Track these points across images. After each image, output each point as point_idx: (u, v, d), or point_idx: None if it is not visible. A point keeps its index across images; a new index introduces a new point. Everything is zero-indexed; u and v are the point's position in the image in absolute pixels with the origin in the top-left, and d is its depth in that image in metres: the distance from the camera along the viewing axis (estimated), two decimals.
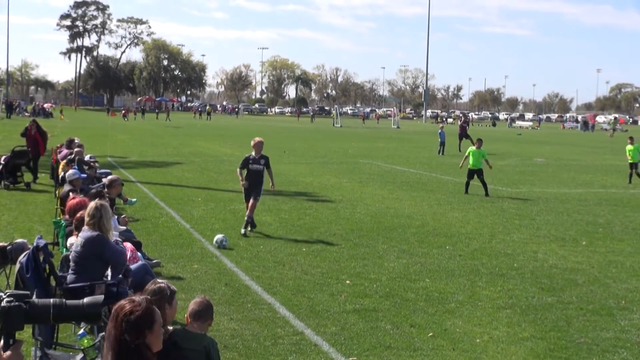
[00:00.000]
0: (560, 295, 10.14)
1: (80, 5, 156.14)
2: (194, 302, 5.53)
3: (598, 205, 19.66)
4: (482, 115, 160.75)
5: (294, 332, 8.22)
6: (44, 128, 23.94)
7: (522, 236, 14.70)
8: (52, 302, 3.39)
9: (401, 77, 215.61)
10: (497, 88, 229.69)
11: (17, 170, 20.66)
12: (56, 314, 3.35)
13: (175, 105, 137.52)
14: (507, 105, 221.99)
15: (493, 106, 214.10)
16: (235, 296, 9.62)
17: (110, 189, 11.72)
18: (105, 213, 7.61)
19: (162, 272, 10.55)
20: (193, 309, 5.45)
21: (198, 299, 5.59)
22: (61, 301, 3.45)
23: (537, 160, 37.36)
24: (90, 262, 7.37)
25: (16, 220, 14.99)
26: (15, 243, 9.51)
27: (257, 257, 12.05)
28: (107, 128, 59.48)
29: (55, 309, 3.35)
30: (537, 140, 62.96)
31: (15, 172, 20.59)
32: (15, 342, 3.17)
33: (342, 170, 28.25)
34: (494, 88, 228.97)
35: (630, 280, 11.14)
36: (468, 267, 11.76)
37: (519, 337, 8.30)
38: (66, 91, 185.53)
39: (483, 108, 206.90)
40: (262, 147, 14.43)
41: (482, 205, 19.01)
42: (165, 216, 15.94)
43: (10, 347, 3.12)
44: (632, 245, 14.06)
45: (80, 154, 16.76)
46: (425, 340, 8.08)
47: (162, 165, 28.26)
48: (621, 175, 28.56)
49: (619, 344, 8.15)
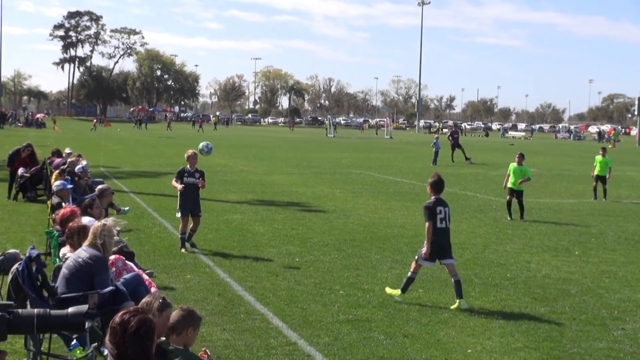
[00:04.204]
0: (553, 306, 10.15)
1: (73, 16, 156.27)
2: (171, 315, 5.36)
3: (591, 216, 19.72)
4: (475, 125, 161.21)
5: (287, 343, 8.20)
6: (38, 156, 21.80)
7: (515, 246, 14.72)
8: (36, 312, 3.41)
9: (394, 87, 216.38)
10: (490, 98, 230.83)
11: (39, 183, 20.16)
12: (40, 324, 3.38)
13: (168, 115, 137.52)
14: (500, 116, 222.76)
15: (486, 116, 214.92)
16: (228, 306, 9.60)
17: (101, 199, 11.74)
18: (111, 235, 7.56)
19: (155, 283, 10.49)
20: (169, 323, 5.27)
21: (175, 312, 5.40)
22: (45, 311, 3.47)
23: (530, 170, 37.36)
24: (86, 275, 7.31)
25: (8, 230, 14.94)
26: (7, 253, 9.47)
27: (250, 267, 12.03)
28: (100, 138, 59.41)
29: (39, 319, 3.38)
30: (530, 150, 63.00)
31: (37, 185, 20.23)
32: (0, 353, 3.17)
33: (335, 180, 28.28)
34: (487, 98, 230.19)
35: (623, 291, 11.17)
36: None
37: (512, 347, 8.31)
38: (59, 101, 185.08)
39: (476, 118, 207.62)
40: (197, 160, 13.85)
41: (474, 215, 19.05)
42: (158, 226, 15.91)
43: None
44: (625, 255, 14.09)
45: (72, 165, 16.73)
46: (419, 350, 8.07)
47: (155, 175, 28.25)
48: (613, 186, 28.67)
49: (611, 354, 8.16)
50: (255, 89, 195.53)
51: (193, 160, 13.75)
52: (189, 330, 5.27)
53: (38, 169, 20.25)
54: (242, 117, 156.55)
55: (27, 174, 20.06)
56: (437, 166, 37.70)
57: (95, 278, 7.27)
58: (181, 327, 5.22)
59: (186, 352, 5.22)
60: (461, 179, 30.76)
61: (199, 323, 5.42)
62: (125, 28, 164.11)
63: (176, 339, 5.20)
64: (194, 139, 62.92)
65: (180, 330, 5.22)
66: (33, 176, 20.14)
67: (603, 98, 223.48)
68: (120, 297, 7.25)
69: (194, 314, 5.37)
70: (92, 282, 7.27)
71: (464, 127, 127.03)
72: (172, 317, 5.24)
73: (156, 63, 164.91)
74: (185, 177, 13.61)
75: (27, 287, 6.94)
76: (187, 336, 5.26)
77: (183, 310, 5.33)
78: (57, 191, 13.06)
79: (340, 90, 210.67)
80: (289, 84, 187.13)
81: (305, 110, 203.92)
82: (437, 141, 40.20)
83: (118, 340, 3.68)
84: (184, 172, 13.69)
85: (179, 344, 5.23)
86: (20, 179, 19.90)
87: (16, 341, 7.33)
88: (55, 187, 13.33)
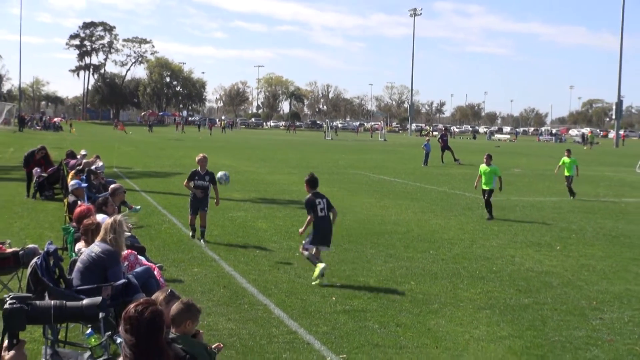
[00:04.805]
0: (536, 297, 10.16)
1: (88, 26, 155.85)
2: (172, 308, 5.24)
3: (571, 213, 19.72)
4: (464, 128, 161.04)
5: (288, 332, 8.20)
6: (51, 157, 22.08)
7: (501, 241, 14.73)
8: (53, 304, 3.44)
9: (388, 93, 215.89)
10: (477, 103, 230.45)
11: (56, 183, 20.14)
12: (57, 315, 3.41)
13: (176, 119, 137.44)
14: (487, 119, 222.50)
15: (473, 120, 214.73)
16: (233, 298, 9.60)
17: (114, 197, 11.72)
18: (122, 231, 7.55)
19: (164, 276, 10.51)
20: (170, 315, 5.17)
21: (175, 305, 5.27)
22: (61, 302, 3.50)
23: (514, 170, 37.48)
24: (99, 269, 7.31)
25: (27, 226, 14.93)
26: (27, 248, 9.53)
27: (253, 261, 12.03)
28: (114, 140, 59.35)
29: (56, 310, 3.41)
30: (515, 152, 63.13)
31: (54, 184, 20.20)
32: (19, 342, 3.18)
33: (333, 180, 28.25)
34: (475, 103, 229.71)
35: (601, 283, 11.18)
36: (450, 270, 11.77)
37: (498, 335, 8.32)
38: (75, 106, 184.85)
39: (464, 122, 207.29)
40: (207, 163, 13.90)
41: (463, 212, 19.04)
42: (167, 223, 15.90)
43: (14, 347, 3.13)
44: (603, 250, 14.10)
45: (87, 164, 16.72)
46: (410, 338, 8.08)
47: (164, 175, 28.22)
48: (592, 186, 28.72)
49: (590, 342, 8.17)
50: (258, 94, 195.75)
51: (203, 164, 13.80)
52: (187, 322, 5.24)
53: (55, 169, 20.24)
54: (246, 120, 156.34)
55: (44, 174, 20.04)
56: (427, 167, 37.72)
57: (108, 271, 7.28)
58: (180, 320, 5.19)
59: (186, 339, 5.22)
60: (450, 178, 30.78)
61: (198, 315, 5.34)
62: (137, 37, 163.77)
63: (176, 330, 5.18)
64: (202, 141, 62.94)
65: (179, 323, 5.18)
66: (50, 176, 20.12)
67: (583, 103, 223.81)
68: (132, 289, 7.26)
69: (193, 307, 5.30)
70: (105, 275, 7.27)
71: (453, 130, 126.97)
72: (173, 309, 5.18)
73: (165, 70, 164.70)
74: (195, 180, 13.72)
75: (46, 279, 6.96)
76: (185, 327, 5.23)
77: (183, 303, 5.26)
78: (73, 190, 13.05)
79: (337, 95, 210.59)
80: (289, 90, 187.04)
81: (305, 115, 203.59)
82: (427, 143, 40.22)
83: (132, 330, 3.72)
84: (195, 174, 13.77)
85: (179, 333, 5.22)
86: (38, 178, 19.88)
87: (35, 330, 7.33)
88: (71, 186, 13.32)
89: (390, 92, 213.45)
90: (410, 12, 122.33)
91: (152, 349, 3.74)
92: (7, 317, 3.10)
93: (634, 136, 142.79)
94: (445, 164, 40.20)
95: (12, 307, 3.12)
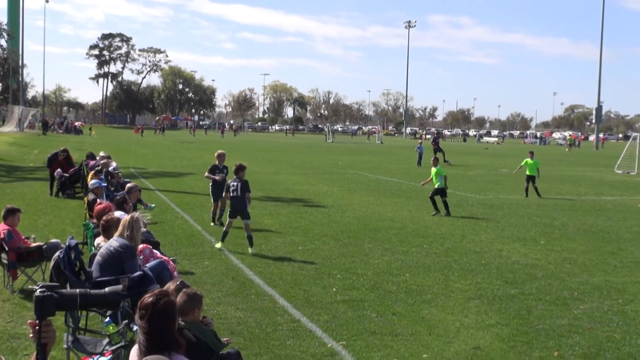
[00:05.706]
0: (521, 288, 10.15)
1: (107, 37, 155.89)
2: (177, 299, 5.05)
3: (554, 210, 19.70)
4: (455, 132, 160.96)
5: (292, 320, 8.20)
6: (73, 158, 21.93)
7: (489, 236, 14.71)
8: (79, 292, 3.49)
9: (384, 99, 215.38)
10: (468, 108, 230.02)
11: (77, 182, 20.08)
12: (82, 302, 3.48)
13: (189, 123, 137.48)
14: (476, 124, 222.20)
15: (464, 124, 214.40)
16: (241, 289, 9.60)
17: (129, 195, 11.72)
18: (138, 227, 7.55)
19: (177, 268, 10.50)
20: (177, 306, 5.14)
21: (179, 296, 5.15)
22: (86, 291, 3.57)
23: (501, 170, 37.43)
24: (117, 262, 7.31)
25: (50, 223, 14.94)
26: (50, 243, 9.55)
27: (259, 254, 12.02)
28: (131, 143, 59.36)
29: (82, 298, 3.48)
30: (502, 153, 63.07)
31: (75, 183, 20.17)
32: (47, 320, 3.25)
33: (333, 179, 28.24)
34: (465, 108, 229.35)
35: (582, 275, 11.16)
36: (442, 263, 11.76)
37: (486, 323, 8.31)
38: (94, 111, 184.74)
39: (455, 126, 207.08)
40: (225, 158, 15.39)
41: (454, 210, 19.00)
42: (180, 219, 15.90)
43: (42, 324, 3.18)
44: (584, 244, 14.08)
45: (106, 165, 16.72)
46: (405, 326, 8.07)
47: (177, 175, 28.21)
48: (574, 185, 28.69)
49: (572, 329, 8.16)
50: (264, 100, 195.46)
51: (222, 158, 15.34)
52: (194, 311, 5.20)
53: (76, 170, 20.24)
54: (253, 124, 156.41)
55: (66, 174, 20.05)
56: (421, 167, 37.67)
57: (125, 264, 7.27)
58: (187, 309, 5.13)
59: (197, 326, 5.21)
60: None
61: (202, 301, 5.30)
62: (152, 48, 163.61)
63: (184, 319, 5.11)
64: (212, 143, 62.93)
65: (187, 312, 5.12)
66: (72, 176, 20.13)
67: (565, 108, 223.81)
68: (147, 280, 7.25)
69: (196, 295, 5.23)
70: (122, 268, 7.27)
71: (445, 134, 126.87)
72: (178, 301, 5.00)
73: (178, 78, 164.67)
74: (216, 173, 15.09)
75: (67, 271, 6.96)
76: (193, 315, 5.19)
77: (186, 294, 5.18)
78: (93, 189, 13.05)
79: (337, 101, 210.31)
80: (293, 96, 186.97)
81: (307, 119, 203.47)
82: (420, 145, 40.20)
83: (148, 319, 3.76)
84: (216, 168, 15.18)
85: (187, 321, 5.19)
86: (61, 178, 19.89)
87: (57, 319, 7.31)
88: (91, 185, 13.32)
89: (387, 98, 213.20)
90: (405, 24, 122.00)
91: (165, 335, 3.77)
92: (38, 303, 3.16)
93: (612, 139, 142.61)
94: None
95: (43, 294, 3.18)
